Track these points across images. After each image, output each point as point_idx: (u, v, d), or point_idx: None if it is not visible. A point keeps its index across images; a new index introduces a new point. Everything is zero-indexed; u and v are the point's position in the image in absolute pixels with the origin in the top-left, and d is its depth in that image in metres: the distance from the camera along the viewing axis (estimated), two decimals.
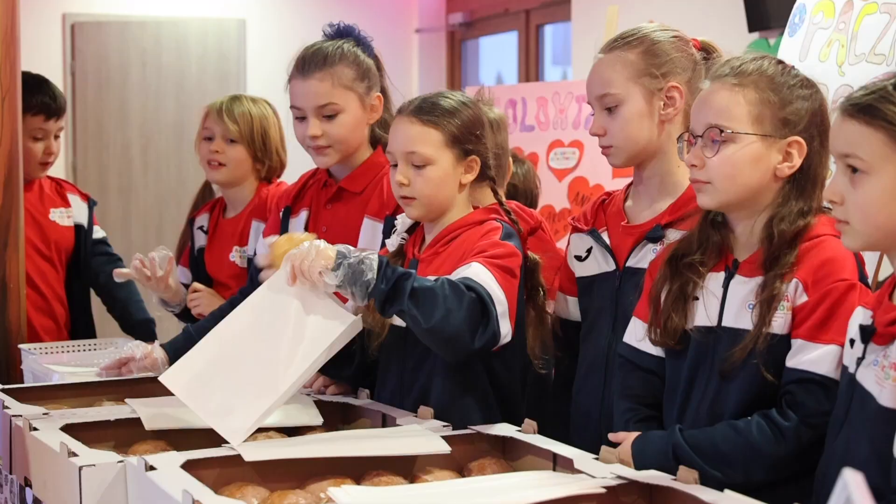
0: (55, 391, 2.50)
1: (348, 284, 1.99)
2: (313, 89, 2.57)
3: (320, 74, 2.57)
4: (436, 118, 2.24)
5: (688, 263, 2.00)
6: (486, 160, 2.30)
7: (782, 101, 1.92)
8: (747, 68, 1.94)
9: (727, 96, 1.93)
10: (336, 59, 2.57)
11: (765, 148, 1.92)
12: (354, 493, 1.68)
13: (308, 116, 2.58)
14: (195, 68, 7.16)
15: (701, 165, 1.95)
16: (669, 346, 2.01)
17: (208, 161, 3.26)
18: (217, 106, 3.28)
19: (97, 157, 7.04)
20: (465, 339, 2.01)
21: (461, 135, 2.24)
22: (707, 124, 1.95)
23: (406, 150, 2.25)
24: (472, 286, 2.03)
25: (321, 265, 2.00)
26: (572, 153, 4.70)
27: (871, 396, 1.64)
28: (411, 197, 2.25)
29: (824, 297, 1.84)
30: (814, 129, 1.94)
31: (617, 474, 1.71)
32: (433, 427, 2.03)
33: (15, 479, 2.14)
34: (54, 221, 3.52)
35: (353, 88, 2.58)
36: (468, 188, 2.30)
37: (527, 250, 2.29)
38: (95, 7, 7.02)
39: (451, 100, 2.27)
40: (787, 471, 1.85)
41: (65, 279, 3.54)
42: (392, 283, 1.99)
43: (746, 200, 1.95)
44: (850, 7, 2.72)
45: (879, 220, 1.64)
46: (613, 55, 2.27)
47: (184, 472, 1.72)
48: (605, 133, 2.28)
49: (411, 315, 2.00)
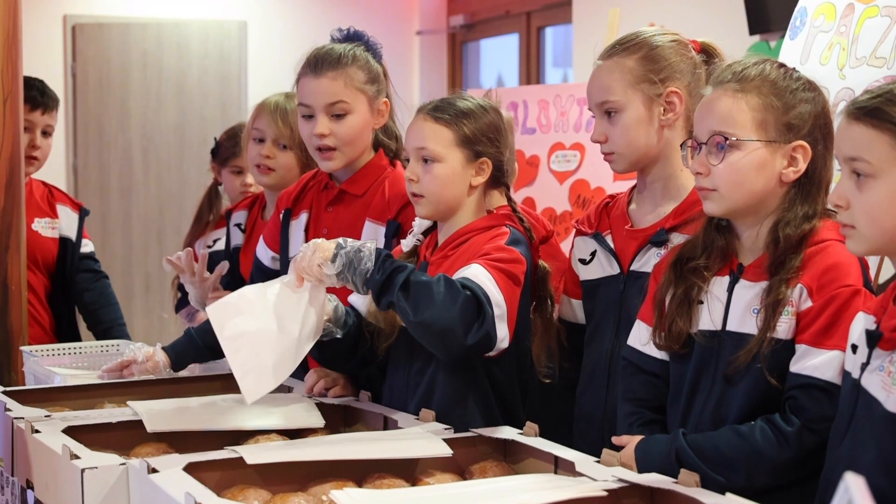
0: (57, 393, 2.50)
1: (348, 273, 2.04)
2: (325, 87, 2.55)
3: (333, 73, 2.55)
4: (448, 117, 2.26)
5: (692, 268, 2.00)
6: (500, 164, 2.30)
7: (785, 106, 1.92)
8: (749, 73, 1.94)
9: (730, 103, 1.93)
10: (349, 61, 2.56)
11: (769, 154, 1.92)
12: (356, 496, 1.68)
13: (316, 114, 2.56)
14: (196, 70, 7.17)
15: (706, 173, 1.94)
16: (674, 349, 2.01)
17: (257, 164, 3.13)
18: (271, 106, 3.12)
19: (98, 159, 7.05)
20: (458, 334, 2.02)
21: (473, 136, 2.26)
22: (711, 131, 1.94)
23: (417, 145, 2.28)
24: (468, 285, 2.05)
25: (320, 258, 2.05)
26: (573, 156, 4.70)
27: (878, 402, 1.63)
28: (420, 194, 2.28)
29: (829, 303, 1.84)
30: (817, 133, 1.93)
31: (618, 477, 1.71)
32: (435, 430, 2.04)
33: (17, 481, 2.14)
34: (36, 231, 3.42)
35: (364, 91, 2.57)
36: (481, 192, 2.31)
37: (537, 259, 2.29)
38: (96, 8, 7.03)
39: (468, 102, 2.30)
40: (790, 476, 1.85)
41: (49, 288, 3.46)
42: (387, 274, 2.02)
43: (752, 206, 1.95)
44: (851, 10, 2.72)
45: (886, 223, 1.63)
46: (612, 62, 2.27)
47: (186, 474, 1.72)
48: (607, 140, 2.28)
49: (401, 307, 2.03)
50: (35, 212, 3.44)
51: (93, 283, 3.54)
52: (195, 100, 7.18)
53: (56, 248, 3.48)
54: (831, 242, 1.89)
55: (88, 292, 3.53)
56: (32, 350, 3.01)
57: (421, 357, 2.25)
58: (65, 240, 3.50)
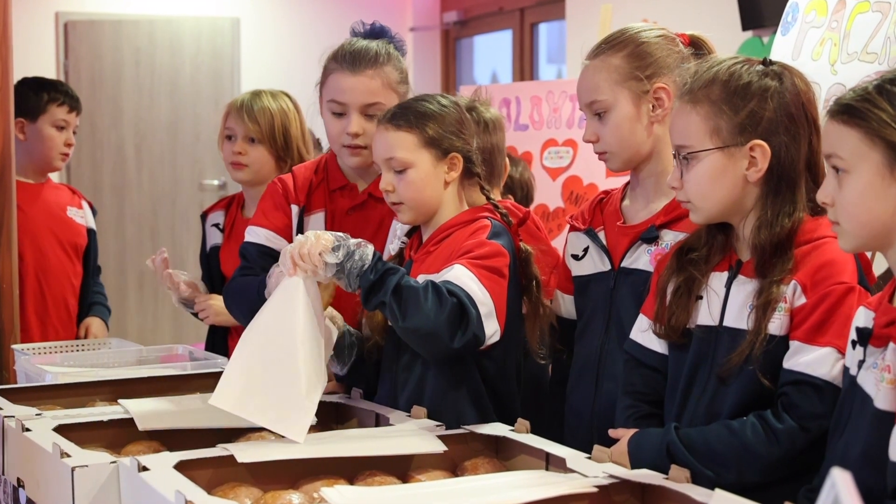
0: (48, 391, 2.49)
1: (346, 263, 2.04)
2: (364, 86, 2.50)
3: (371, 72, 2.50)
4: (409, 122, 2.26)
5: (692, 259, 2.01)
6: (469, 156, 2.30)
7: (735, 108, 1.91)
8: (700, 81, 1.94)
9: (684, 116, 1.95)
10: (386, 59, 2.52)
11: (726, 158, 1.92)
12: (347, 494, 1.68)
13: (350, 113, 2.51)
14: (189, 67, 7.16)
15: (679, 186, 1.97)
16: (672, 340, 2.02)
17: (231, 162, 3.21)
18: (237, 104, 3.23)
19: (91, 156, 7.04)
20: (444, 340, 2.05)
21: (437, 135, 2.26)
22: (675, 146, 1.98)
23: (385, 156, 2.28)
24: (453, 290, 2.07)
25: (322, 246, 2.04)
26: (566, 152, 4.70)
27: (870, 399, 1.64)
28: (399, 202, 2.28)
29: (822, 300, 1.84)
30: (778, 126, 1.92)
31: (609, 473, 1.71)
32: (426, 426, 2.04)
33: (8, 479, 2.14)
34: (71, 218, 3.65)
35: (397, 91, 2.53)
36: (458, 187, 2.31)
37: (518, 242, 2.29)
38: (88, 6, 7.02)
39: (425, 103, 2.29)
40: (780, 472, 1.84)
41: (81, 276, 3.67)
42: (380, 275, 2.04)
43: (729, 210, 1.95)
44: (843, 6, 2.72)
45: (863, 218, 1.64)
46: (599, 60, 2.27)
47: (177, 472, 1.71)
48: (598, 139, 2.28)
49: (391, 310, 2.05)
50: (67, 201, 3.68)
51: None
52: (188, 97, 7.17)
53: (86, 235, 3.70)
54: (827, 240, 1.88)
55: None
56: (24, 348, 3.02)
57: (408, 352, 2.25)
58: (91, 231, 3.73)
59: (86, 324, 3.62)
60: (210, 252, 3.35)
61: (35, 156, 3.55)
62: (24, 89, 3.47)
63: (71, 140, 3.61)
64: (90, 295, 3.68)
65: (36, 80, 3.63)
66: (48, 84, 3.63)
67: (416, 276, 2.19)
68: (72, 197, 3.72)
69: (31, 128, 3.53)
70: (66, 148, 3.60)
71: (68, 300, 3.59)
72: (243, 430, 2.10)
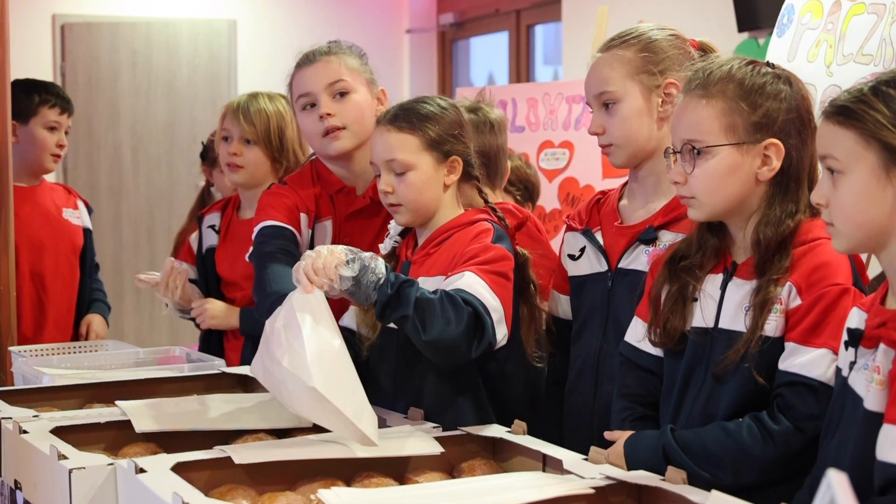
0: (45, 393, 2.49)
1: (362, 277, 1.98)
2: (322, 69, 2.57)
3: (327, 58, 2.59)
4: (411, 124, 2.26)
5: (685, 267, 2.01)
6: (469, 159, 2.31)
7: (752, 106, 1.92)
8: (714, 77, 1.94)
9: (697, 110, 1.94)
10: (338, 49, 2.62)
11: (740, 155, 1.93)
12: (344, 495, 1.68)
13: (318, 98, 2.56)
14: (186, 69, 7.16)
15: (683, 181, 1.96)
16: (668, 346, 2.02)
17: (227, 163, 3.22)
18: (234, 105, 3.24)
19: (88, 159, 7.03)
20: (462, 350, 2.05)
21: (439, 137, 2.26)
22: (682, 140, 1.96)
23: (386, 158, 2.27)
24: (468, 300, 2.06)
25: (337, 260, 1.98)
26: (563, 154, 4.70)
27: (861, 400, 1.65)
28: (397, 204, 2.28)
29: (817, 301, 1.85)
30: (790, 127, 1.93)
31: (606, 475, 1.71)
32: (423, 428, 2.04)
33: (5, 481, 2.14)
34: (67, 220, 3.64)
35: (360, 73, 2.60)
36: (455, 189, 2.31)
37: (515, 246, 2.29)
38: (85, 8, 7.01)
39: (426, 105, 2.30)
40: (776, 473, 1.85)
41: (79, 277, 3.66)
42: (396, 288, 2.00)
43: (734, 208, 1.95)
44: (838, 7, 2.72)
45: (857, 219, 1.65)
46: (611, 54, 2.27)
47: (174, 474, 1.72)
48: (604, 131, 2.27)
49: (413, 324, 2.01)
50: (63, 203, 3.68)
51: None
52: (185, 99, 7.17)
53: (82, 236, 3.69)
54: (822, 241, 1.89)
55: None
56: (21, 350, 3.01)
57: (406, 356, 2.25)
58: (86, 230, 3.72)
59: (86, 321, 3.62)
60: (206, 254, 3.35)
61: (27, 158, 3.54)
62: (14, 91, 3.42)
63: (63, 141, 3.61)
64: (89, 292, 3.69)
65: (27, 82, 3.60)
66: (39, 86, 3.61)
67: (415, 278, 2.18)
68: (67, 197, 3.72)
69: (22, 130, 3.52)
70: (58, 149, 3.60)
71: (65, 303, 3.59)
72: (240, 432, 2.10)
